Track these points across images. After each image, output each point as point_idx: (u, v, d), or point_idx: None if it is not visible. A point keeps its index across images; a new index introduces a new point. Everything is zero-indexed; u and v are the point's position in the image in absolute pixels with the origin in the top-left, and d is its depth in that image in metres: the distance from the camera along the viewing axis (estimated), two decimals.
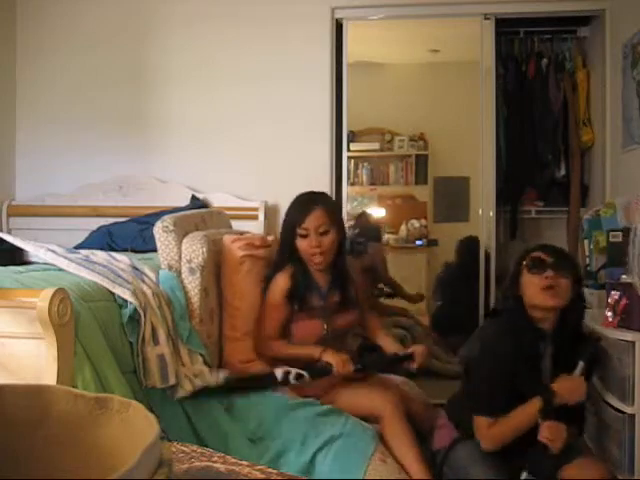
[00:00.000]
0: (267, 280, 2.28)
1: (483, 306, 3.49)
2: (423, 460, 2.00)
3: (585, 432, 2.21)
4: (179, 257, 2.17)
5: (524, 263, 1.95)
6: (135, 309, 1.85)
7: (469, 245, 3.62)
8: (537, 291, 1.89)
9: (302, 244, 2.22)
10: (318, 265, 2.25)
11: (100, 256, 2.14)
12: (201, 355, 2.07)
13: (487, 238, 3.56)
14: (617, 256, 2.49)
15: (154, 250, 2.26)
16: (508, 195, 3.86)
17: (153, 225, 2.23)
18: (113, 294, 1.88)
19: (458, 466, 1.95)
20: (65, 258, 1.99)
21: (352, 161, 3.80)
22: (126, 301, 1.87)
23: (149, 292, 1.98)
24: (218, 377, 2.03)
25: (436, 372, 3.37)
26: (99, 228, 3.23)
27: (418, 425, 2.17)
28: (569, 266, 1.93)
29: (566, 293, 1.90)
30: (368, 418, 2.09)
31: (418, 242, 3.82)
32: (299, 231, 2.21)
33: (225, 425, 1.96)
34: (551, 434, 1.78)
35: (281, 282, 2.23)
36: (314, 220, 2.21)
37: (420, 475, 1.96)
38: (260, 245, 2.35)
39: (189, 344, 2.03)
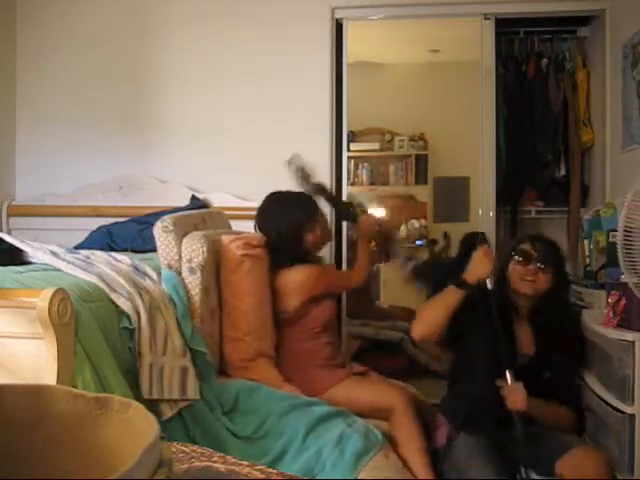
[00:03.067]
0: None
1: None
2: (428, 458, 2.02)
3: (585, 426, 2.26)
4: (179, 257, 2.17)
5: (513, 252, 2.18)
6: (130, 319, 1.84)
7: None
8: (518, 279, 2.12)
9: (310, 237, 2.47)
10: (318, 251, 2.62)
11: (100, 256, 2.14)
12: (203, 354, 2.07)
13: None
14: (617, 256, 2.49)
15: (154, 250, 2.26)
16: (508, 195, 3.86)
17: (153, 225, 2.22)
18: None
19: (458, 462, 1.95)
20: (64, 260, 1.99)
21: (352, 161, 3.80)
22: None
23: (151, 294, 1.97)
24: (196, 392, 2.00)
25: (435, 373, 3.36)
26: (99, 228, 3.23)
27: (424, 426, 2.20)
28: (552, 261, 2.12)
29: (543, 284, 2.11)
30: (375, 414, 2.12)
31: (418, 242, 3.82)
32: (309, 226, 2.48)
33: (222, 431, 1.95)
34: (509, 393, 1.92)
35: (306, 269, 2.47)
36: (321, 214, 2.63)
37: (424, 472, 1.98)
38: (258, 245, 2.36)
39: (192, 343, 2.03)
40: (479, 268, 2.06)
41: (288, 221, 2.40)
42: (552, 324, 2.12)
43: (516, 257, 2.14)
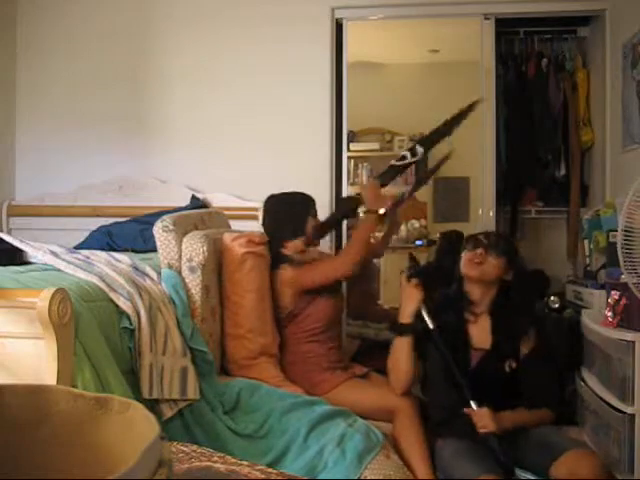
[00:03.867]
0: None
1: None
2: (429, 460, 2.02)
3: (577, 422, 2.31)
4: (179, 256, 2.17)
5: (465, 243, 2.19)
6: (130, 319, 1.84)
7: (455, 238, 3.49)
8: (466, 263, 2.12)
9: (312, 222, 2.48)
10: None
11: (100, 256, 2.14)
12: (203, 353, 2.07)
13: None
14: (617, 256, 2.49)
15: (154, 250, 2.26)
16: (508, 195, 3.86)
17: (153, 225, 2.23)
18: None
19: (444, 466, 1.96)
20: (64, 260, 1.99)
21: (352, 161, 3.80)
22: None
23: (151, 294, 1.97)
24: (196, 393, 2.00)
25: None
26: (99, 228, 3.23)
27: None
28: (502, 249, 2.11)
29: (492, 269, 2.09)
30: (378, 415, 2.12)
31: (418, 242, 3.81)
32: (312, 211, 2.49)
33: (223, 430, 1.95)
34: (477, 419, 1.90)
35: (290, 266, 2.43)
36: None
37: (426, 474, 1.98)
38: (259, 242, 2.36)
39: (192, 343, 2.03)
40: (406, 304, 2.11)
41: (280, 226, 2.46)
42: (510, 316, 2.10)
43: (466, 244, 2.17)
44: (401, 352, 2.10)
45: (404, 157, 2.41)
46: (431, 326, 2.07)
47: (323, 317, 2.38)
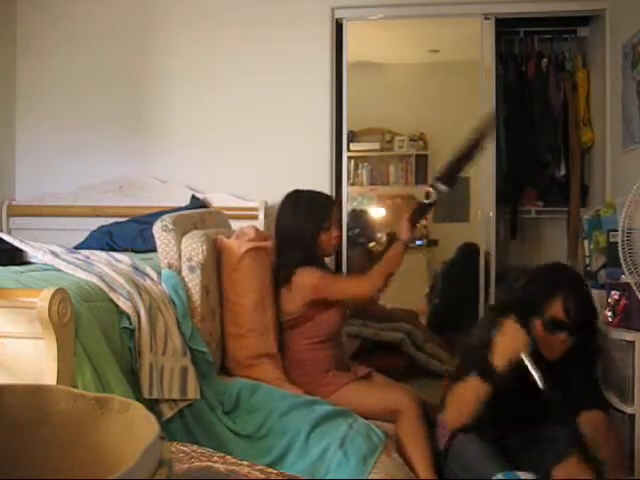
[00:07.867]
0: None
1: (483, 305, 3.49)
2: (432, 461, 2.03)
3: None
4: (179, 256, 2.17)
5: (545, 316, 1.88)
6: (130, 319, 1.84)
7: (471, 249, 3.62)
8: (544, 342, 1.86)
9: (325, 236, 2.39)
10: (332, 252, 2.53)
11: (100, 256, 2.14)
12: (203, 353, 2.07)
13: (487, 238, 3.56)
14: (617, 256, 2.49)
15: (154, 250, 2.26)
16: (508, 195, 3.86)
17: (153, 225, 2.23)
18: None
19: (466, 462, 1.95)
20: (64, 260, 1.99)
21: (352, 161, 3.80)
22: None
23: (151, 294, 1.97)
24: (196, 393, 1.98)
25: (435, 373, 3.35)
26: (99, 228, 3.23)
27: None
28: (586, 328, 1.86)
29: (567, 347, 1.88)
30: (381, 416, 2.13)
31: (418, 242, 3.81)
32: (325, 224, 2.38)
33: (222, 430, 1.94)
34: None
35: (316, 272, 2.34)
36: (336, 214, 2.50)
37: (428, 475, 1.98)
38: (261, 238, 2.37)
39: (191, 343, 2.03)
40: (507, 348, 1.74)
41: (303, 221, 2.36)
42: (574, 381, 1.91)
43: (546, 325, 1.88)
44: (478, 396, 1.78)
45: (428, 195, 2.32)
46: (541, 385, 1.68)
47: (328, 326, 2.36)
